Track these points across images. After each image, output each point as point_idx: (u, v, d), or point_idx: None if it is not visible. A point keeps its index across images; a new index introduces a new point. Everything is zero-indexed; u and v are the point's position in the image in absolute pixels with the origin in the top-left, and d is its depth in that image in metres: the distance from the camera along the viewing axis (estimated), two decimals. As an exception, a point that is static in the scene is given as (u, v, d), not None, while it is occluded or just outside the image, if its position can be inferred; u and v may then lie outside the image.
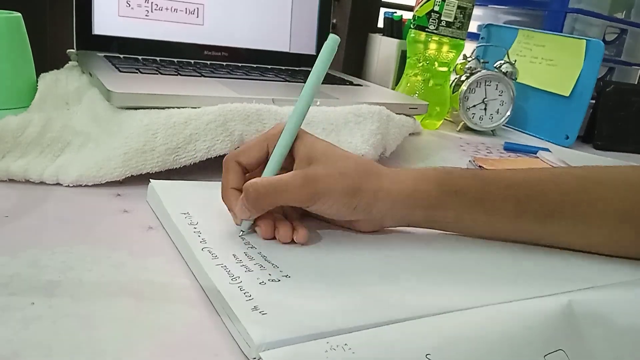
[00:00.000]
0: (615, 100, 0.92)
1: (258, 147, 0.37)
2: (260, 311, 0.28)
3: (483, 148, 0.78)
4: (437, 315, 0.29)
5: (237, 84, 0.59)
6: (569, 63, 0.86)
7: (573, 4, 0.97)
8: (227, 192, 0.37)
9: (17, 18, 0.55)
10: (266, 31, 0.77)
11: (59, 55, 0.68)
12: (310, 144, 0.37)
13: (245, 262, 0.33)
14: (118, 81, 0.51)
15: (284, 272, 0.32)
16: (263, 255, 0.34)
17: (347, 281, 0.32)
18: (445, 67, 0.82)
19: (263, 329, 0.26)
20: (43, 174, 0.43)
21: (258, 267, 0.32)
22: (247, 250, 0.35)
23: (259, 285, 0.30)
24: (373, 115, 0.56)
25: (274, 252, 0.35)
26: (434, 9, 0.79)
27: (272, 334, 0.26)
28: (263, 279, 0.31)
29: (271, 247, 0.36)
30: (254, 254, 0.34)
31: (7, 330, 0.26)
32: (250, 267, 0.32)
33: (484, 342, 0.28)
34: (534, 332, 0.30)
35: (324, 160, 0.36)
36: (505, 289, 0.34)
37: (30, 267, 0.31)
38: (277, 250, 0.35)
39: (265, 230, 0.36)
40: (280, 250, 0.35)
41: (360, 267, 0.35)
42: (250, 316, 0.27)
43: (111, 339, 0.26)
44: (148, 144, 0.45)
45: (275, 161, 0.37)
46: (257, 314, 0.27)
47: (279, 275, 0.32)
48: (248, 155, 0.37)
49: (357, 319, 0.28)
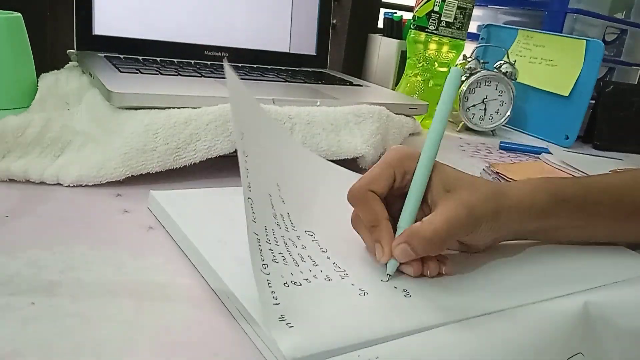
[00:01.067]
0: (615, 100, 0.92)
1: (386, 175, 0.36)
2: (287, 323, 0.27)
3: (483, 148, 0.78)
4: (462, 322, 0.29)
5: (237, 84, 0.59)
6: (569, 63, 0.86)
7: (573, 4, 0.97)
8: (380, 224, 0.35)
9: (18, 18, 0.55)
10: (266, 31, 0.77)
11: (59, 55, 0.68)
12: (443, 172, 0.36)
13: (272, 245, 0.31)
14: (118, 81, 0.51)
15: (304, 275, 0.31)
16: (285, 241, 0.33)
17: (369, 285, 0.32)
18: (445, 67, 0.82)
19: (292, 343, 0.25)
20: (43, 174, 0.43)
21: (282, 257, 0.31)
22: (274, 227, 0.33)
23: (284, 286, 0.29)
24: (373, 115, 0.56)
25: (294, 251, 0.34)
26: (434, 9, 0.79)
27: (302, 349, 0.25)
28: (287, 279, 0.30)
29: (293, 232, 0.34)
30: (278, 235, 0.32)
31: (7, 329, 0.26)
32: (276, 256, 0.31)
33: (510, 349, 0.29)
34: (555, 336, 0.30)
35: (461, 186, 0.36)
36: (522, 291, 0.34)
37: (30, 267, 0.31)
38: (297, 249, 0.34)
39: (417, 268, 0.34)
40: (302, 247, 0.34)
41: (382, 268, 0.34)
42: (278, 328, 0.26)
43: (111, 339, 0.26)
44: (148, 144, 0.45)
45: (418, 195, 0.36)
46: (284, 325, 0.26)
47: (300, 277, 0.31)
48: (379, 185, 0.35)
49: (383, 330, 0.28)
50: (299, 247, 0.33)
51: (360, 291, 0.31)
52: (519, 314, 0.31)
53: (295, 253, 0.33)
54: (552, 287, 0.34)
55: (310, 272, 0.32)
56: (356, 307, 0.29)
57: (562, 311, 0.32)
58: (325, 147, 0.52)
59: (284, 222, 0.34)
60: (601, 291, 0.35)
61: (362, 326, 0.28)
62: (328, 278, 0.32)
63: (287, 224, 0.34)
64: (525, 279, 0.36)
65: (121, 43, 0.67)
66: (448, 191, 0.35)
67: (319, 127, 0.53)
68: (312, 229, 0.36)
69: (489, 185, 0.37)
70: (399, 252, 0.33)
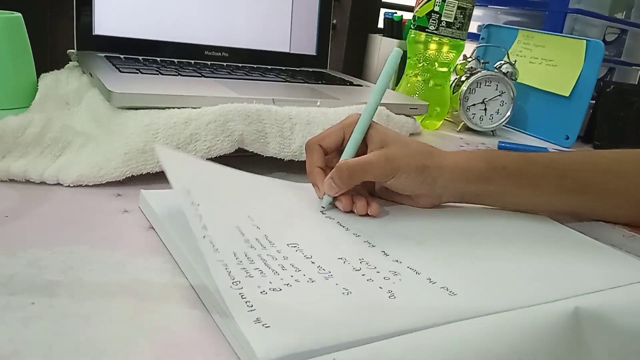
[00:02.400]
0: (615, 101, 0.92)
1: (336, 134, 0.44)
2: (263, 324, 0.26)
3: (483, 148, 0.78)
4: (444, 326, 0.28)
5: (237, 84, 0.59)
6: (569, 63, 0.86)
7: (573, 4, 0.97)
8: (313, 170, 0.43)
9: (18, 18, 0.55)
10: (266, 31, 0.77)
11: (60, 55, 0.68)
12: (382, 131, 0.44)
13: (246, 265, 0.32)
14: (118, 81, 0.51)
15: (285, 280, 0.31)
16: (263, 259, 0.33)
17: (354, 285, 0.31)
18: (446, 67, 0.82)
19: (267, 343, 0.25)
20: (43, 174, 0.43)
21: (259, 272, 0.31)
22: (247, 251, 0.33)
23: (260, 294, 0.29)
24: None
25: (276, 253, 0.34)
26: (434, 9, 0.79)
27: (277, 350, 0.24)
28: (264, 287, 0.30)
29: (272, 248, 0.35)
30: (253, 256, 0.33)
31: (7, 329, 0.26)
32: (250, 272, 0.31)
33: (492, 356, 0.28)
34: (541, 345, 0.30)
35: (395, 143, 0.42)
36: (511, 295, 0.33)
37: (30, 267, 0.31)
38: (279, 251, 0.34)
39: (346, 204, 0.42)
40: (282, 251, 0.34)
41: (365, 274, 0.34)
42: (253, 328, 0.26)
43: (111, 339, 0.26)
44: (148, 144, 0.45)
45: (353, 145, 0.43)
46: (260, 326, 0.26)
47: (280, 283, 0.30)
48: (328, 141, 0.44)
49: (363, 331, 0.27)
50: (280, 259, 0.33)
51: (344, 290, 0.31)
52: (503, 319, 0.30)
53: (275, 265, 0.32)
54: (541, 291, 0.34)
55: (291, 277, 0.31)
56: (338, 307, 0.29)
57: (549, 318, 0.31)
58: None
59: (261, 244, 0.34)
60: (593, 296, 0.34)
61: (341, 327, 0.27)
62: (311, 280, 0.31)
63: (264, 244, 0.35)
64: (515, 280, 0.35)
65: (121, 43, 0.67)
66: (382, 147, 0.42)
67: (319, 127, 0.53)
68: (296, 241, 0.36)
69: (422, 146, 0.44)
70: (326, 185, 0.42)
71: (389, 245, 0.38)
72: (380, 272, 0.34)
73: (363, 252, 0.36)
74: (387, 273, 0.34)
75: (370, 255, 0.36)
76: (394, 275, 0.33)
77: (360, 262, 0.35)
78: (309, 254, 0.35)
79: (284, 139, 0.51)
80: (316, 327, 0.27)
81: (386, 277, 0.33)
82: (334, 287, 0.31)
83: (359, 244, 0.38)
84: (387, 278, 0.33)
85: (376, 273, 0.33)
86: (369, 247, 0.37)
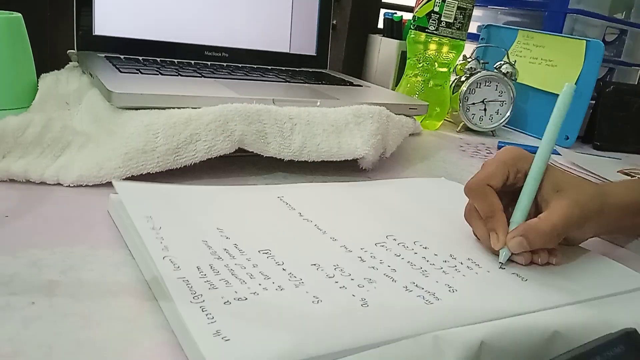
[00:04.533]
0: (615, 101, 0.92)
1: (501, 172, 0.40)
2: (223, 337, 0.25)
3: (483, 149, 0.78)
4: (414, 338, 0.27)
5: (237, 85, 0.59)
6: (569, 63, 0.86)
7: (573, 5, 0.97)
8: (496, 215, 0.39)
9: (18, 18, 0.55)
10: (266, 32, 0.77)
11: (60, 55, 0.68)
12: (552, 174, 0.40)
13: (210, 277, 0.30)
14: (118, 81, 0.51)
15: (252, 289, 0.30)
16: (230, 269, 0.32)
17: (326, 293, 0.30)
18: (445, 67, 0.82)
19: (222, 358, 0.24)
20: (44, 174, 0.43)
21: (224, 283, 0.30)
22: (213, 262, 0.32)
23: (224, 305, 0.28)
24: (373, 115, 0.56)
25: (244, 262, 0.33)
26: (434, 9, 0.79)
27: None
28: (229, 297, 0.28)
29: (242, 256, 0.33)
30: (220, 267, 0.32)
31: (7, 329, 0.26)
32: (215, 284, 0.30)
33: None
34: None
35: (569, 187, 0.39)
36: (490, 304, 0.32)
37: (30, 266, 0.31)
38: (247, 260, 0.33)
39: (528, 257, 0.38)
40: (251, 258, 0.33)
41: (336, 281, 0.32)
42: (210, 343, 0.24)
43: (111, 339, 0.26)
44: (149, 144, 0.45)
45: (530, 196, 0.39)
46: (219, 339, 0.25)
47: (247, 292, 0.29)
48: (496, 181, 0.39)
49: (330, 345, 0.25)
50: (249, 267, 0.32)
51: (314, 298, 0.30)
52: (478, 330, 0.28)
53: (242, 274, 0.31)
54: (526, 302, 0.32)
55: (259, 286, 0.30)
56: (306, 317, 0.28)
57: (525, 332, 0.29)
58: (325, 149, 0.52)
59: (229, 253, 0.33)
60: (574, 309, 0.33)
61: (307, 339, 0.26)
62: (280, 288, 0.30)
63: (233, 254, 0.33)
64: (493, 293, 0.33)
65: (121, 43, 0.67)
66: (558, 191, 0.39)
67: (319, 127, 0.53)
68: (268, 247, 0.35)
69: (592, 185, 0.41)
70: (515, 244, 0.37)
71: (366, 251, 0.37)
72: (355, 279, 0.32)
73: (338, 258, 0.35)
74: (362, 280, 0.32)
75: (346, 261, 0.35)
76: (368, 283, 0.32)
77: (334, 269, 0.33)
78: (281, 261, 0.33)
79: (284, 139, 0.51)
80: (279, 339, 0.26)
81: (360, 284, 0.32)
82: (303, 295, 0.30)
83: (335, 249, 0.36)
84: (361, 285, 0.32)
85: (350, 280, 0.32)
86: (345, 252, 0.36)
